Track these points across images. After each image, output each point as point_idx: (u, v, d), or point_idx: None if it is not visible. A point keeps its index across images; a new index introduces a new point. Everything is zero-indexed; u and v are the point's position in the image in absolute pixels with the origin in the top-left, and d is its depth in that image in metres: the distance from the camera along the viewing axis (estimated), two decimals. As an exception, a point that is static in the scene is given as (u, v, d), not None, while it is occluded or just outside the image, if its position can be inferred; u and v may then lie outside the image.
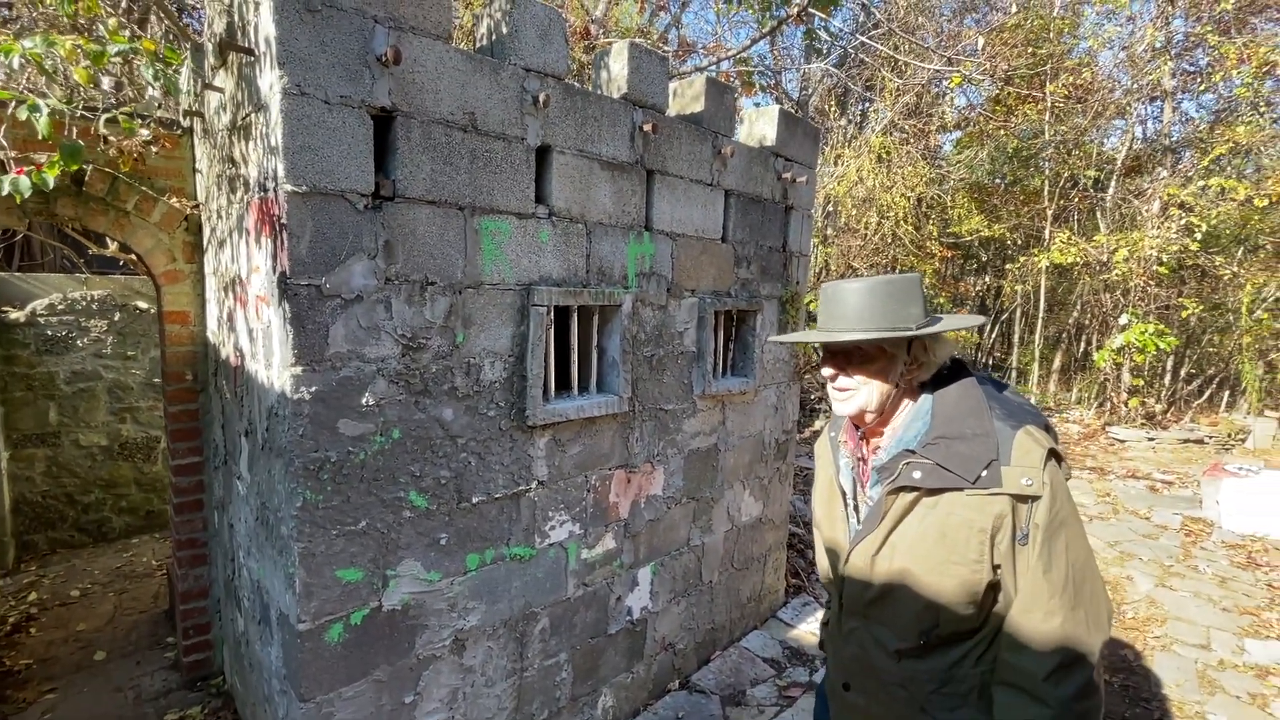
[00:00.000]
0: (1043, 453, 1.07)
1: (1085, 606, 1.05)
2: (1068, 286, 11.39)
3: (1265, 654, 3.38)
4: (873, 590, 1.19)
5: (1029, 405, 1.21)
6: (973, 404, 1.14)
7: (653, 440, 2.61)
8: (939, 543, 1.10)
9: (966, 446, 1.10)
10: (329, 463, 1.66)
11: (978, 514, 1.08)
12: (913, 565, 1.13)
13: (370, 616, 1.80)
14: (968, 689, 1.13)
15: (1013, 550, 1.07)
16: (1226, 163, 9.60)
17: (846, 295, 1.18)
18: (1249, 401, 9.14)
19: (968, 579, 1.08)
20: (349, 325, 1.66)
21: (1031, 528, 1.05)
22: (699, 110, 2.64)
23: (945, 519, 1.10)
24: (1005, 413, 1.13)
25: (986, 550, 1.07)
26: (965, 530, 1.08)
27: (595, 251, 2.26)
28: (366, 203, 1.67)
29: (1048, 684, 1.03)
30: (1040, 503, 1.05)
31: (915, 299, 1.16)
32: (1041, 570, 1.04)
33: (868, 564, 1.19)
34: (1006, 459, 1.08)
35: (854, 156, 8.17)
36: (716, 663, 3.09)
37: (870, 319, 1.16)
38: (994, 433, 1.10)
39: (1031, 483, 1.05)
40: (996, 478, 1.07)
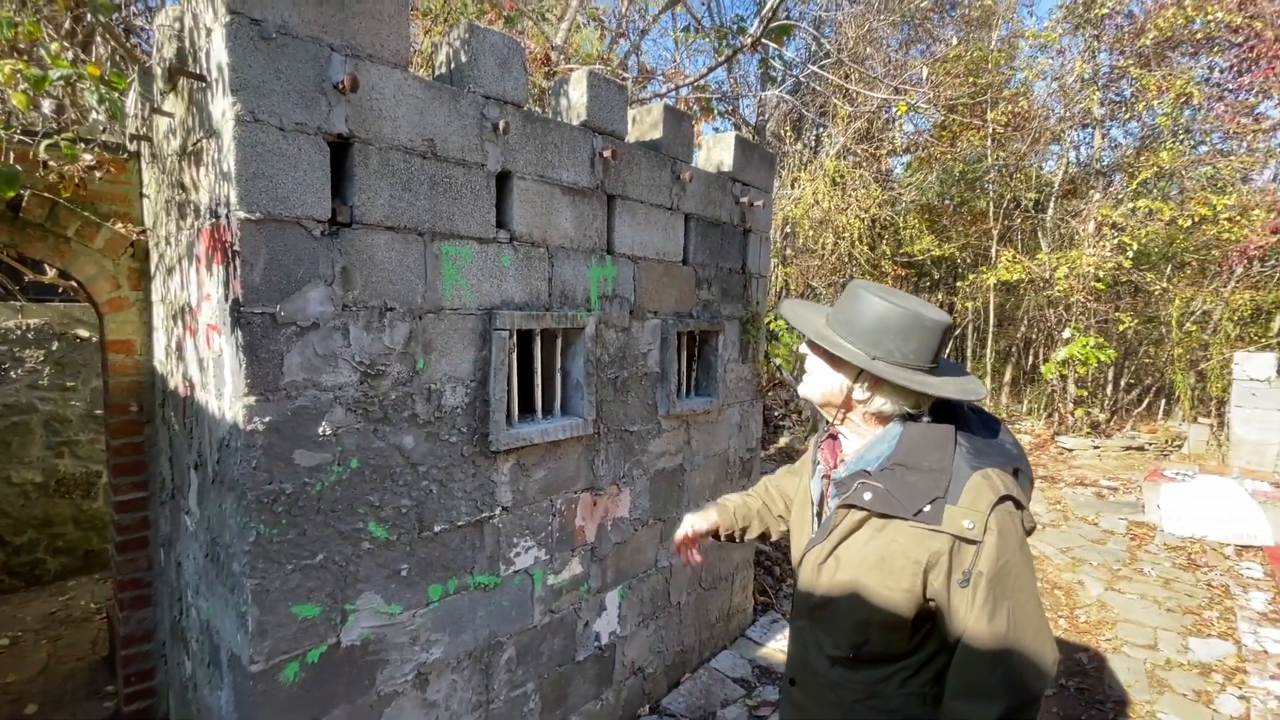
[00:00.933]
0: (992, 498, 1.05)
1: (1027, 654, 1.03)
2: (1015, 302, 11.89)
3: (1208, 652, 3.54)
4: (816, 596, 1.22)
5: (1010, 447, 1.18)
6: (939, 438, 1.13)
7: (618, 462, 2.61)
8: (877, 566, 1.12)
9: (917, 478, 1.10)
10: (284, 495, 1.61)
11: (916, 546, 1.09)
12: (851, 581, 1.15)
13: (328, 654, 1.73)
14: (892, 707, 1.15)
15: (948, 589, 1.06)
16: (1153, 185, 10.25)
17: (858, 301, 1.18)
18: (1183, 409, 9.65)
19: (898, 605, 1.10)
20: (305, 353, 1.63)
21: (975, 574, 1.04)
22: (658, 137, 2.70)
23: (887, 545, 1.12)
24: (974, 451, 1.12)
25: (919, 583, 1.08)
26: (902, 559, 1.10)
27: (557, 275, 2.27)
28: (323, 229, 1.65)
29: None
30: (984, 549, 1.04)
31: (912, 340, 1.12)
32: (986, 619, 1.03)
33: (815, 571, 1.23)
34: (955, 498, 1.07)
35: (810, 180, 8.43)
36: (686, 685, 3.07)
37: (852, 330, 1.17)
38: (949, 470, 1.09)
39: (973, 526, 1.04)
40: (939, 515, 1.07)
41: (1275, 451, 6.43)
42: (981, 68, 10.04)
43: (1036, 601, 1.06)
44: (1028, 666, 1.02)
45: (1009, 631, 1.02)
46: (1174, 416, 10.07)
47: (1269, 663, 3.38)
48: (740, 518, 1.56)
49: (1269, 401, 6.47)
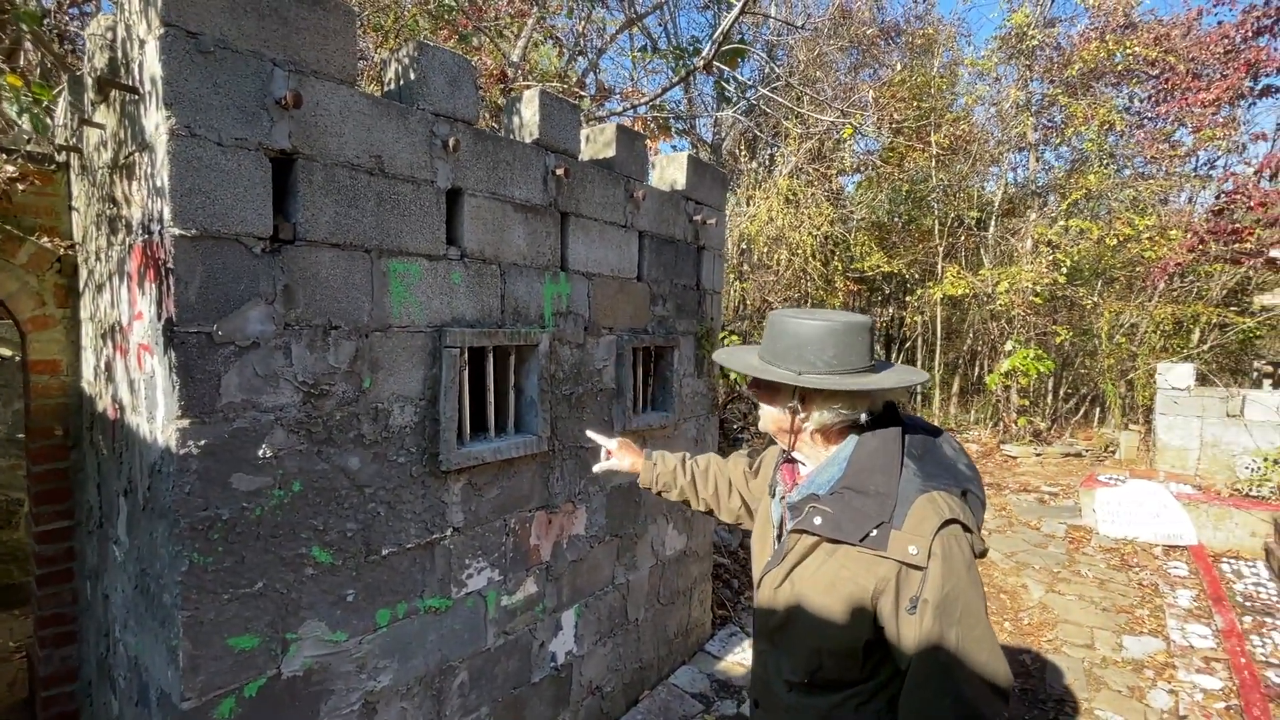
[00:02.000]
0: (937, 522, 1.04)
1: (977, 680, 1.02)
2: (960, 316, 12.40)
3: (1140, 649, 3.72)
4: (774, 620, 1.23)
5: (959, 463, 1.18)
6: (886, 459, 1.12)
7: (574, 479, 2.60)
8: (828, 591, 1.13)
9: (863, 503, 1.10)
10: (220, 521, 1.55)
11: (864, 572, 1.09)
12: (805, 606, 1.16)
13: (267, 687, 1.66)
14: None
15: (896, 615, 1.06)
16: (1083, 206, 10.89)
17: (776, 329, 1.22)
18: (1114, 417, 10.20)
19: (849, 631, 1.10)
20: (244, 373, 1.58)
21: (921, 601, 1.03)
22: (611, 155, 2.74)
23: (837, 570, 1.12)
24: (921, 472, 1.11)
25: (868, 609, 1.08)
26: (851, 585, 1.10)
27: (510, 292, 2.27)
28: (264, 246, 1.61)
29: None
30: (929, 575, 1.02)
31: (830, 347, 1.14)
32: (933, 646, 1.02)
33: (772, 594, 1.24)
34: (900, 522, 1.06)
35: (764, 198, 8.64)
36: (645, 703, 3.05)
37: (778, 355, 1.19)
38: (894, 494, 1.09)
39: (917, 552, 1.03)
40: (884, 541, 1.06)
41: (1195, 456, 6.85)
42: (925, 92, 10.52)
43: (986, 626, 1.04)
44: (979, 692, 1.01)
45: (958, 660, 1.01)
46: (1107, 424, 10.63)
47: (1195, 657, 3.57)
48: (661, 483, 1.67)
49: (1189, 409, 6.90)
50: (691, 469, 1.66)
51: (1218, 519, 5.39)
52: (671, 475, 1.66)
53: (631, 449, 1.73)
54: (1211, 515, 5.42)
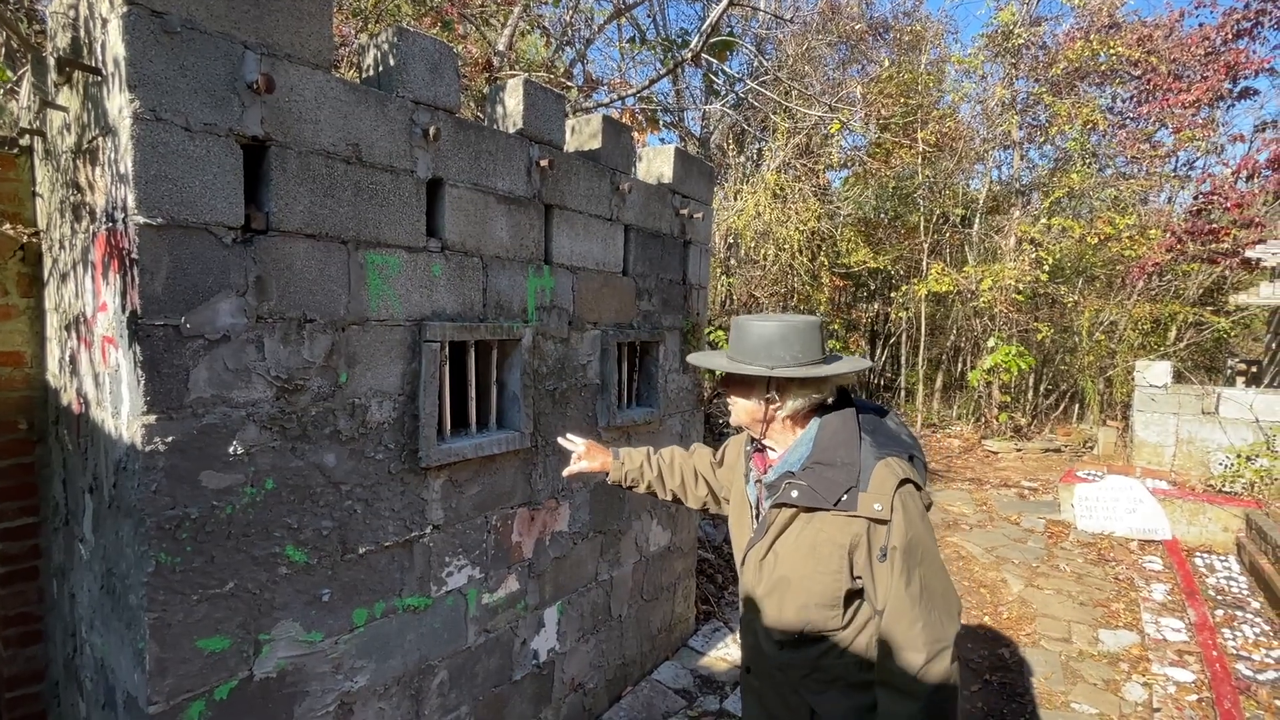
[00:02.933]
0: (895, 482, 1.24)
1: (939, 609, 1.23)
2: (944, 313, 12.50)
3: (1115, 642, 3.78)
4: (760, 589, 1.39)
5: (903, 434, 1.39)
6: (847, 435, 1.32)
7: (557, 475, 2.57)
8: (810, 555, 1.30)
9: (833, 473, 1.28)
10: (189, 520, 1.50)
11: (839, 532, 1.27)
12: (790, 573, 1.33)
13: (239, 689, 1.62)
14: (833, 676, 1.33)
15: (870, 564, 1.25)
16: (1066, 205, 11.01)
17: (742, 331, 1.39)
18: (1093, 413, 10.36)
19: (830, 586, 1.29)
20: (213, 368, 1.53)
21: (890, 549, 1.22)
22: (597, 147, 2.70)
23: (816, 535, 1.30)
24: (875, 443, 1.31)
25: (845, 563, 1.27)
26: (829, 546, 1.28)
27: (492, 285, 2.22)
28: (235, 236, 1.55)
29: (916, 680, 1.19)
30: (893, 526, 1.22)
31: (795, 343, 1.33)
32: (904, 585, 1.21)
33: (757, 567, 1.40)
34: (865, 485, 1.25)
35: (751, 192, 8.62)
36: (628, 699, 3.04)
37: (747, 354, 1.36)
38: (858, 462, 1.27)
39: (881, 508, 1.23)
40: (854, 502, 1.25)
41: (1171, 453, 6.98)
42: (912, 89, 10.55)
43: (940, 564, 1.26)
44: (942, 617, 1.22)
45: (922, 593, 1.21)
46: (1086, 420, 10.80)
47: (1168, 650, 3.64)
48: (630, 479, 1.77)
49: (1166, 406, 7.02)
50: (658, 463, 1.77)
51: (1192, 514, 5.50)
52: (639, 470, 1.76)
53: (599, 449, 1.82)
54: (1186, 511, 5.52)
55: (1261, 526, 4.80)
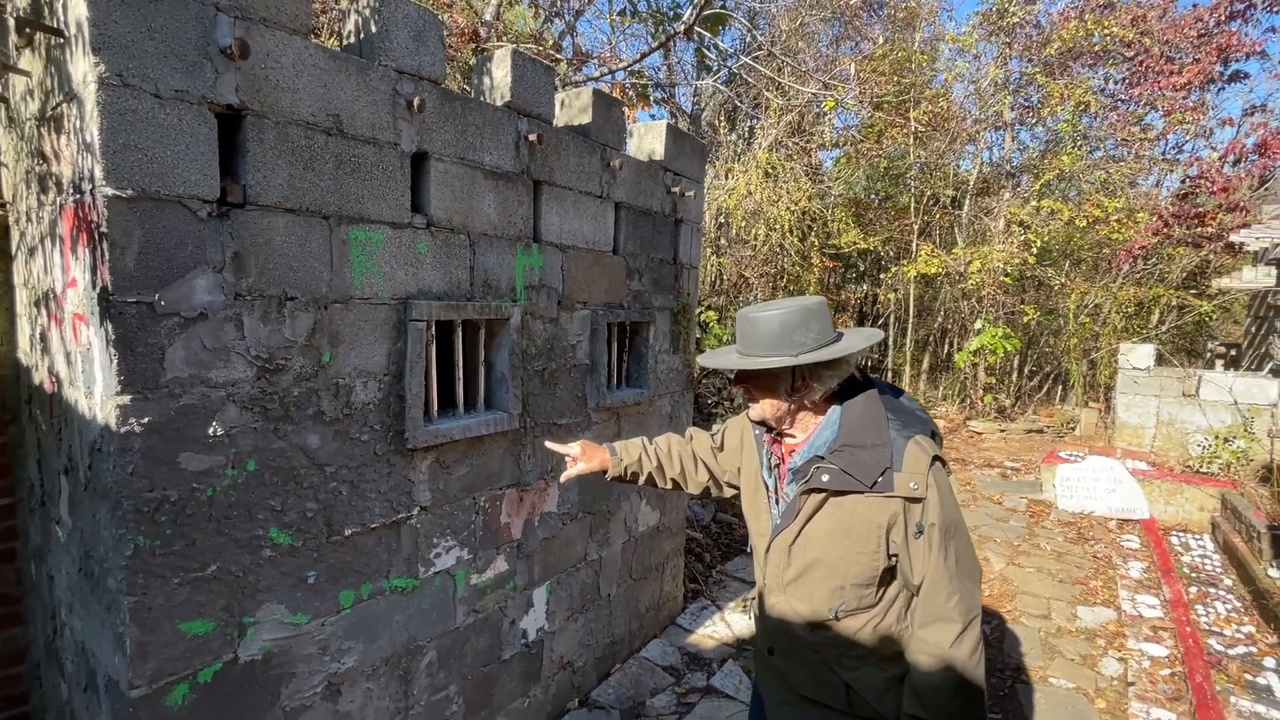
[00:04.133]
0: (928, 460, 1.26)
1: (970, 579, 1.28)
2: (933, 294, 12.55)
3: (1092, 618, 3.87)
4: (790, 573, 1.39)
5: (920, 412, 1.40)
6: (873, 416, 1.32)
7: (546, 457, 2.55)
8: (845, 537, 1.30)
9: (867, 455, 1.28)
10: (168, 503, 1.46)
11: (876, 512, 1.28)
12: (823, 555, 1.33)
13: (224, 672, 1.60)
14: (867, 651, 1.34)
15: (906, 541, 1.27)
16: (1055, 187, 11.02)
17: (754, 324, 1.34)
18: (1076, 395, 10.50)
19: (868, 566, 1.30)
20: (190, 347, 1.48)
21: (927, 526, 1.25)
22: (586, 122, 2.63)
23: (850, 517, 1.30)
24: (900, 423, 1.32)
25: (883, 542, 1.29)
26: (865, 526, 1.29)
27: (480, 263, 2.17)
28: (211, 210, 1.49)
29: (952, 649, 1.24)
30: (929, 504, 1.25)
31: (814, 325, 1.31)
32: (941, 559, 1.25)
33: (785, 552, 1.39)
34: (899, 465, 1.26)
35: (743, 171, 8.53)
36: (616, 676, 3.07)
37: (765, 346, 1.32)
38: (889, 443, 1.28)
39: (917, 487, 1.25)
40: (890, 483, 1.26)
41: (1152, 434, 7.10)
42: (905, 67, 10.44)
43: (968, 537, 1.31)
44: (972, 588, 1.28)
45: (957, 566, 1.26)
46: (1069, 402, 10.95)
47: (1144, 626, 3.73)
48: (629, 473, 1.71)
49: (1148, 389, 7.12)
50: (656, 453, 1.72)
51: (1169, 494, 5.61)
52: (637, 463, 1.71)
53: (593, 448, 1.73)
54: (1164, 491, 5.63)
55: (1236, 506, 4.90)
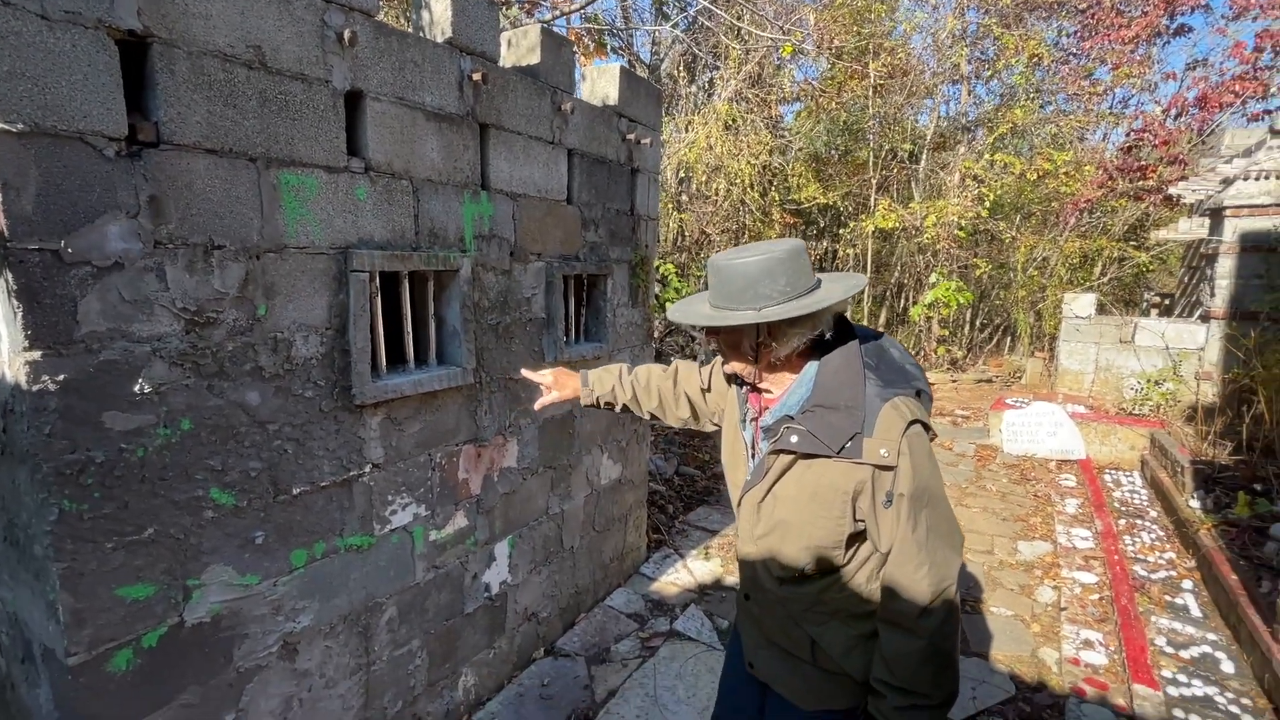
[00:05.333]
0: (903, 425, 1.17)
1: (944, 547, 1.21)
2: (890, 249, 12.74)
3: (1031, 552, 4.11)
4: (760, 529, 1.36)
5: (909, 365, 1.31)
6: (851, 374, 1.23)
7: (503, 412, 2.52)
8: (811, 500, 1.25)
9: (837, 418, 1.20)
10: (93, 464, 1.38)
11: (843, 478, 1.21)
12: (790, 516, 1.29)
13: (169, 635, 1.56)
14: (833, 609, 1.32)
15: (874, 510, 1.21)
16: (1009, 141, 11.20)
17: (720, 273, 1.25)
18: (1023, 345, 10.93)
19: (833, 530, 1.25)
20: (107, 298, 1.37)
21: (896, 495, 1.18)
22: (535, 63, 2.51)
23: (817, 480, 1.24)
24: (881, 381, 1.23)
25: (849, 509, 1.23)
26: (832, 492, 1.23)
27: (425, 211, 2.08)
28: (119, 149, 1.37)
29: (920, 619, 1.19)
30: (900, 472, 1.17)
31: (780, 276, 1.20)
32: (910, 530, 1.19)
33: (755, 509, 1.36)
34: (870, 430, 1.18)
35: (703, 123, 8.38)
36: (581, 625, 3.13)
37: (731, 298, 1.23)
38: (862, 405, 1.19)
39: (888, 454, 1.16)
40: (858, 449, 1.18)
41: (1091, 379, 7.47)
42: (865, 18, 10.31)
43: (946, 504, 1.23)
44: (947, 555, 1.21)
45: (929, 535, 1.19)
46: (1017, 352, 11.40)
47: (1077, 557, 3.99)
48: (602, 403, 1.74)
49: (1088, 336, 7.45)
50: (632, 385, 1.71)
51: (1104, 435, 5.94)
52: (610, 394, 1.71)
53: (566, 375, 1.76)
54: (1099, 432, 5.96)
55: (1163, 444, 5.23)
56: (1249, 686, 2.77)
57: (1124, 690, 2.73)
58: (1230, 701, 2.67)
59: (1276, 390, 5.28)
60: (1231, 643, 3.08)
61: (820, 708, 1.36)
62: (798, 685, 1.38)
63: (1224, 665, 2.91)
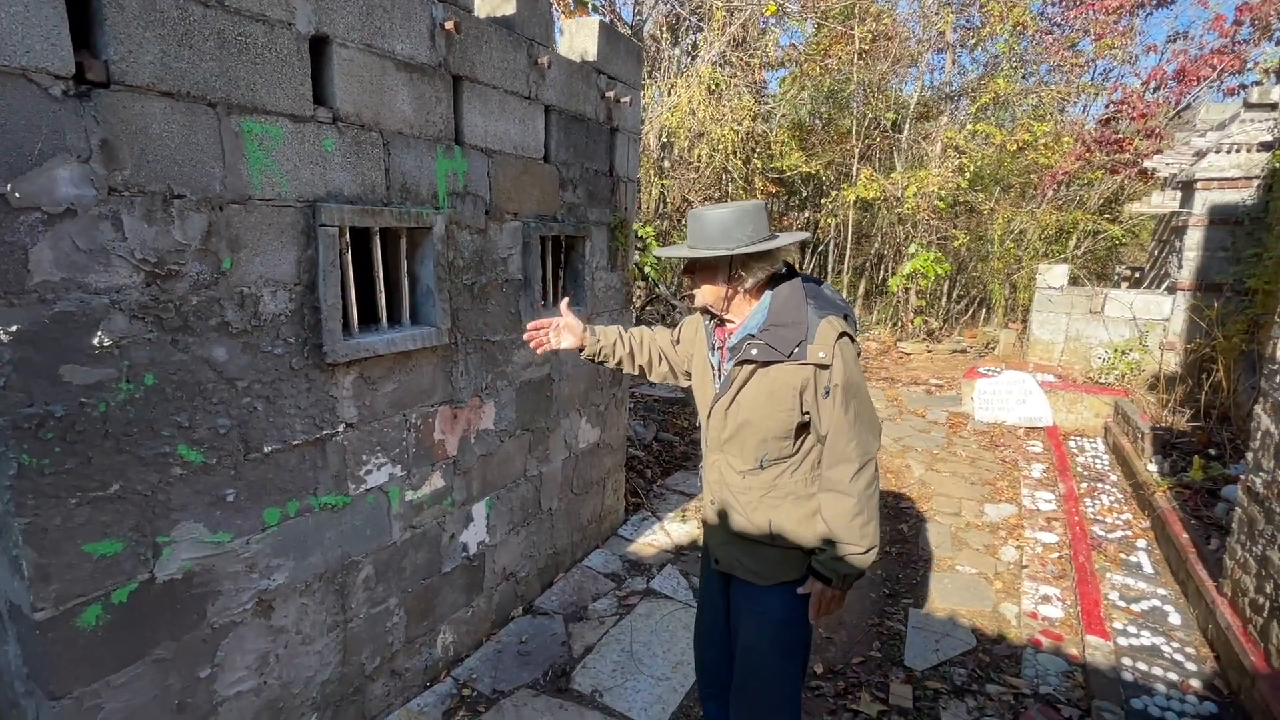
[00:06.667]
0: (834, 335, 1.50)
1: (867, 430, 1.55)
2: (870, 220, 12.77)
3: (997, 514, 4.25)
4: (726, 432, 1.65)
5: (838, 299, 1.64)
6: (796, 301, 1.56)
7: (480, 373, 2.50)
8: (769, 399, 1.56)
9: (786, 332, 1.52)
10: (52, 418, 1.35)
11: (792, 377, 1.53)
12: (751, 416, 1.59)
13: (140, 591, 1.55)
14: (785, 493, 1.62)
15: (816, 401, 1.53)
16: (992, 113, 11.19)
17: (700, 220, 1.58)
18: (998, 316, 11.12)
19: (785, 421, 1.56)
20: (59, 247, 1.32)
21: (832, 386, 1.50)
22: (510, 13, 2.42)
23: (773, 382, 1.55)
24: (817, 306, 1.55)
25: (797, 402, 1.54)
26: (784, 389, 1.54)
27: (396, 165, 2.02)
28: (67, 88, 1.30)
29: (850, 483, 1.53)
30: (834, 370, 1.50)
31: (748, 224, 1.54)
32: (843, 413, 1.52)
33: (722, 415, 1.64)
34: (811, 339, 1.50)
35: (685, 86, 8.22)
36: (560, 584, 3.18)
37: (708, 240, 1.56)
38: (805, 321, 1.52)
39: (825, 355, 1.50)
40: (804, 353, 1.51)
41: (1061, 349, 7.64)
42: (852, -20, 10.10)
43: (868, 397, 1.57)
44: (869, 437, 1.55)
45: (856, 419, 1.53)
46: (991, 324, 11.59)
47: (1039, 518, 4.13)
48: (602, 355, 1.90)
49: (1060, 307, 7.60)
50: (629, 340, 1.92)
51: (1071, 403, 6.11)
52: (611, 348, 1.90)
53: (575, 324, 1.88)
54: (1066, 400, 6.12)
55: (1126, 411, 5.40)
56: (1194, 637, 2.93)
57: (1077, 641, 2.87)
58: (1175, 650, 2.82)
59: (1235, 359, 5.46)
60: (1180, 597, 3.24)
61: (776, 581, 1.66)
62: (758, 566, 1.67)
63: (1171, 618, 3.06)
